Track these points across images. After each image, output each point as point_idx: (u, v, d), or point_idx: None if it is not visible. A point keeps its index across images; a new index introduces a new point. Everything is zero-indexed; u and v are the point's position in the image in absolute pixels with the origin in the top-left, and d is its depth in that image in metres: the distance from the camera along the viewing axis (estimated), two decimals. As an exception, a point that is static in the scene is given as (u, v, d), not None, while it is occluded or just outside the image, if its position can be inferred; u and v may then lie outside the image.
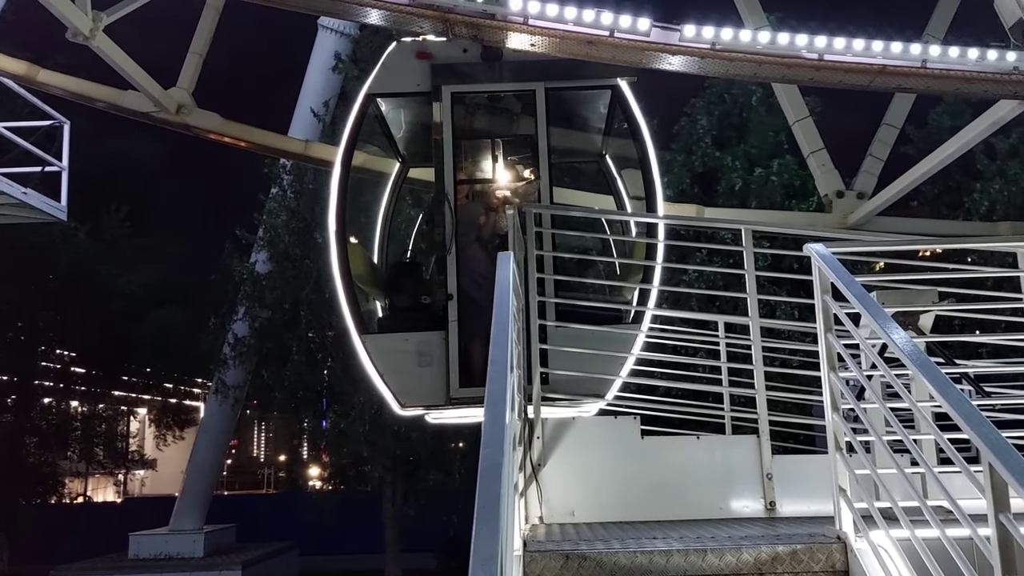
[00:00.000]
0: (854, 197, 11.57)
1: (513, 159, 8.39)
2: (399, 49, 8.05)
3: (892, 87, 8.20)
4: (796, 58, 7.68)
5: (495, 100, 8.24)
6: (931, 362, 3.75)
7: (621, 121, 8.13)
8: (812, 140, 11.79)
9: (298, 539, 26.67)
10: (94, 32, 11.00)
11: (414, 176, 9.96)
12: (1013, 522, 2.92)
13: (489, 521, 2.56)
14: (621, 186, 9.23)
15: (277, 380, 20.20)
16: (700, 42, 7.64)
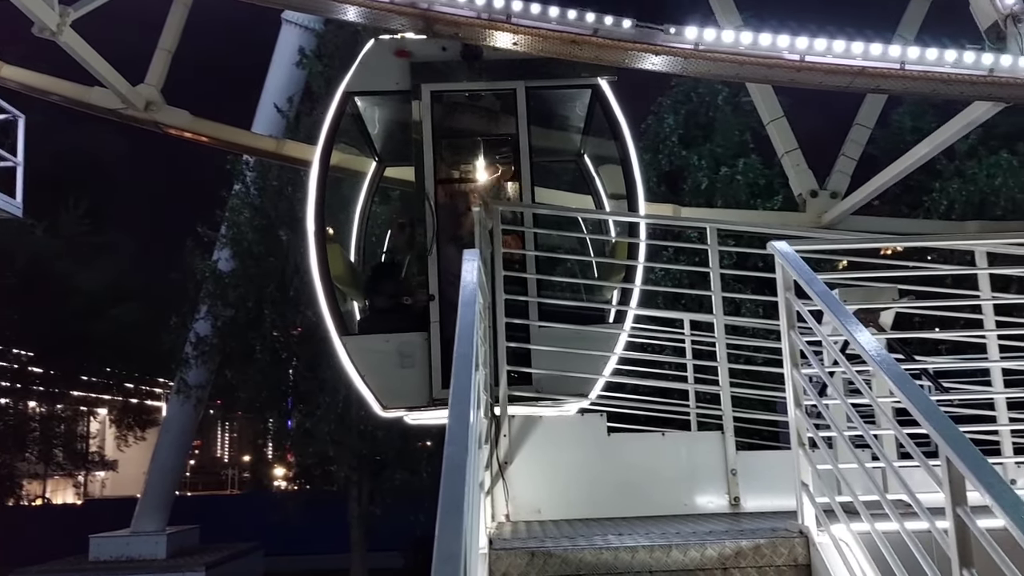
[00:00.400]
0: (827, 196, 11.70)
1: (493, 158, 8.33)
2: (377, 47, 7.95)
3: (871, 88, 8.28)
4: (777, 59, 7.72)
5: (475, 99, 8.16)
6: (891, 359, 3.80)
7: (602, 121, 8.07)
8: (786, 140, 11.90)
9: (263, 540, 26.40)
10: (61, 27, 10.77)
11: (390, 175, 9.86)
12: (970, 515, 2.97)
13: (452, 519, 2.55)
14: (601, 186, 9.23)
15: (241, 379, 19.96)
16: (683, 42, 7.65)
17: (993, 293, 6.00)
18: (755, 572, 4.32)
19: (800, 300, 4.59)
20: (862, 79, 7.79)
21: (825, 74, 7.76)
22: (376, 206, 9.83)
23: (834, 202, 11.66)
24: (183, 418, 24.41)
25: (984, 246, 6.29)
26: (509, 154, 7.95)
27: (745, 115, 20.42)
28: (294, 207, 19.07)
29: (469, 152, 8.43)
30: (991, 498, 2.79)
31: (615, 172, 8.11)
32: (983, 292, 5.88)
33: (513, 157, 7.77)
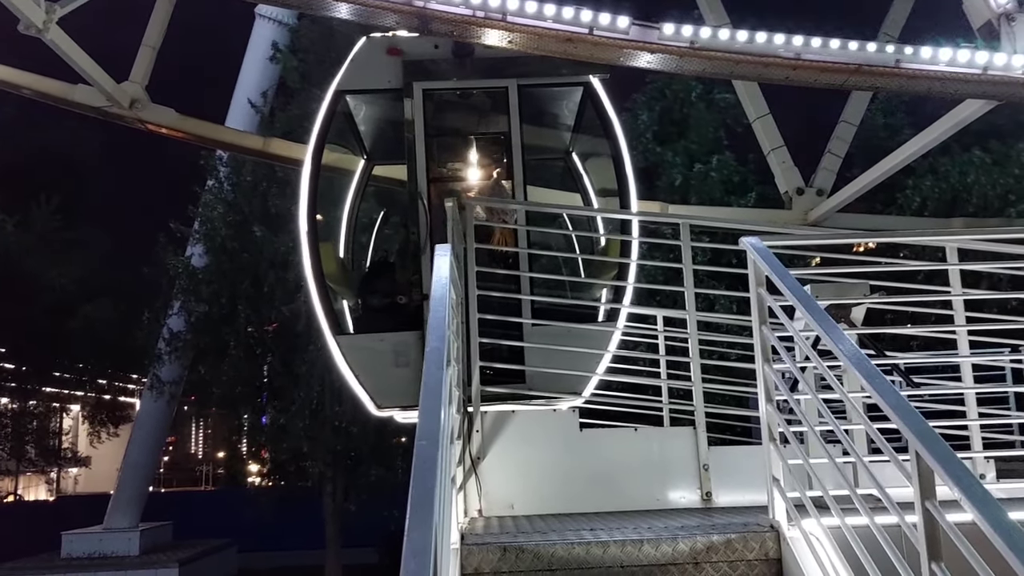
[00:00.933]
0: (813, 194, 11.76)
1: (486, 157, 8.26)
2: (369, 45, 7.85)
3: (866, 86, 8.33)
4: (774, 57, 7.73)
5: (467, 97, 8.09)
6: (862, 354, 3.82)
7: (594, 118, 8.05)
8: (772, 137, 11.94)
9: (237, 536, 26.21)
10: (47, 24, 10.57)
11: (378, 174, 9.78)
12: (939, 509, 2.99)
13: (422, 514, 2.52)
14: (593, 183, 9.18)
15: (214, 375, 19.79)
16: (679, 40, 7.65)
17: (963, 289, 6.06)
18: (726, 567, 4.33)
19: (772, 296, 4.60)
20: (857, 77, 7.84)
21: (820, 72, 7.79)
22: (365, 204, 9.71)
23: (820, 199, 11.72)
24: (156, 414, 24.19)
25: (955, 242, 6.34)
26: (501, 152, 7.90)
27: (719, 112, 20.52)
28: (268, 203, 18.92)
29: (461, 150, 8.36)
30: (960, 492, 2.80)
31: (607, 169, 8.09)
32: (954, 288, 5.94)
33: (505, 155, 7.73)
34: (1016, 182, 16.16)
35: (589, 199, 9.19)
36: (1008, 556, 2.51)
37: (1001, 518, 2.66)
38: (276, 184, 18.90)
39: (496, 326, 6.44)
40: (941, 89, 8.10)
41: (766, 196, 19.87)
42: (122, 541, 22.88)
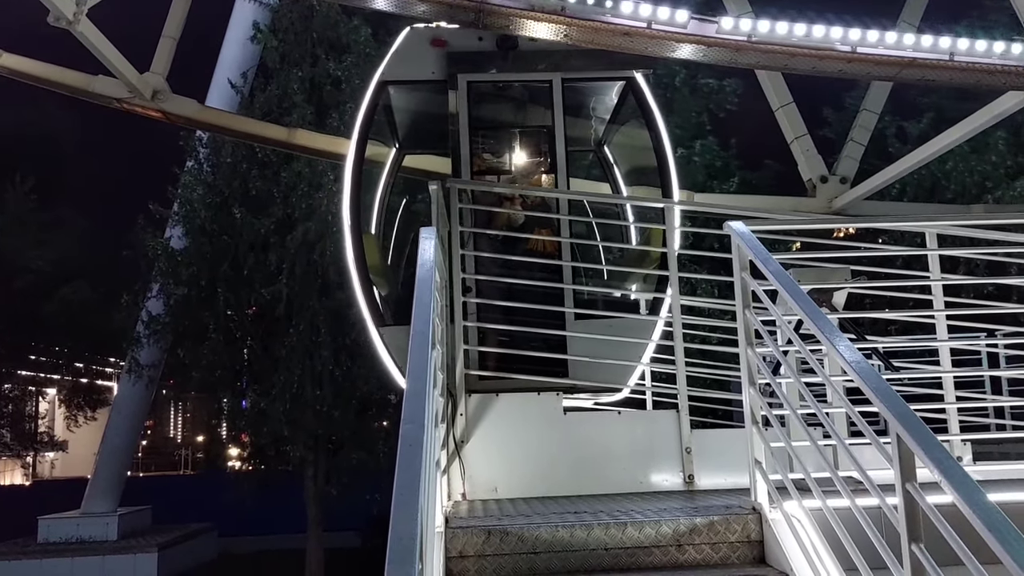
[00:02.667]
0: (837, 182, 11.77)
1: (528, 150, 8.27)
2: (412, 35, 7.82)
3: (917, 79, 8.27)
4: (829, 50, 7.71)
5: (511, 90, 8.11)
6: (844, 338, 3.85)
7: (636, 112, 8.07)
8: (796, 126, 11.93)
9: (217, 520, 26.13)
10: (78, 16, 10.35)
11: (408, 164, 9.73)
12: (919, 491, 3.02)
13: (408, 498, 2.52)
14: (634, 176, 9.20)
15: (194, 359, 19.62)
16: (737, 34, 7.62)
17: (942, 274, 6.12)
18: (709, 548, 4.37)
19: (755, 280, 4.63)
20: (910, 70, 7.84)
21: (875, 65, 7.80)
22: (395, 195, 9.61)
23: (843, 187, 11.73)
24: (135, 398, 24.00)
25: (934, 228, 6.40)
26: (545, 145, 7.90)
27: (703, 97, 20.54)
28: (248, 184, 18.74)
29: (504, 143, 8.34)
30: (940, 474, 2.83)
31: (650, 162, 8.08)
32: (933, 273, 6.00)
33: (549, 148, 7.72)
34: (993, 169, 16.32)
35: (619, 189, 9.26)
36: (987, 537, 2.54)
37: (980, 499, 2.69)
38: (257, 165, 18.72)
39: (535, 315, 6.47)
40: (991, 82, 8.12)
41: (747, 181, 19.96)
42: (100, 526, 22.73)
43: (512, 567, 4.25)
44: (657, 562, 4.33)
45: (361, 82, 18.18)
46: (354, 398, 18.53)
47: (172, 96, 12.06)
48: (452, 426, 5.91)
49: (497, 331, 6.77)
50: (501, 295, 6.70)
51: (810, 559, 3.85)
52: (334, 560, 20.33)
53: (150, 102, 11.75)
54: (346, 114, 17.83)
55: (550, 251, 7.22)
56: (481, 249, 7.00)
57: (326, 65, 19.01)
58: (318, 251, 17.39)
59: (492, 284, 6.70)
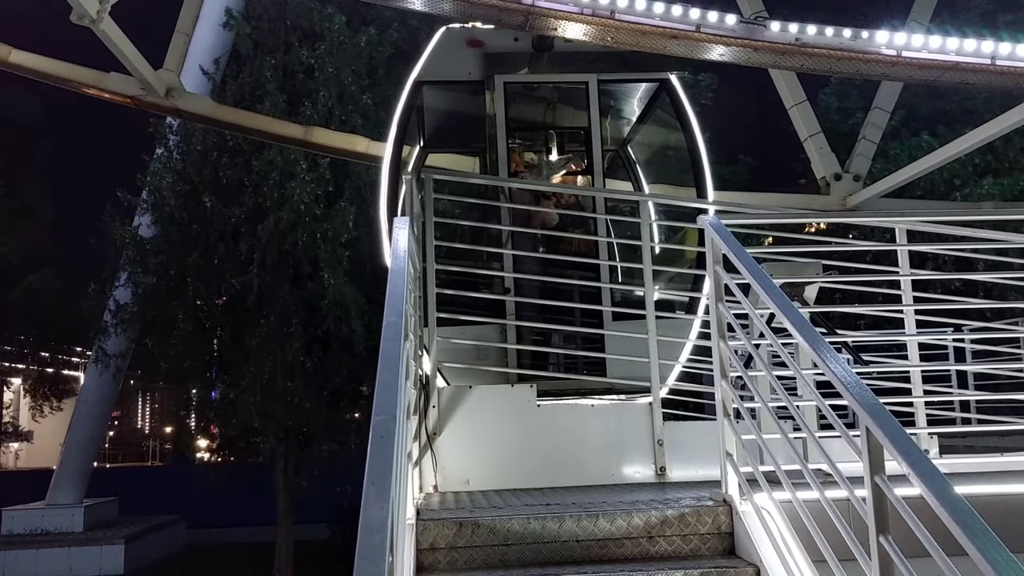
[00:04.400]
0: (851, 179, 11.84)
1: (565, 150, 8.28)
2: (449, 36, 7.86)
3: (957, 82, 8.33)
4: (874, 54, 7.75)
5: (547, 91, 8.15)
6: (815, 331, 3.87)
7: (671, 112, 8.15)
8: (810, 124, 11.99)
9: (185, 512, 25.90)
10: (101, 14, 10.13)
11: (430, 164, 9.70)
12: (887, 483, 3.05)
13: (379, 490, 2.50)
14: (667, 177, 9.32)
15: (162, 349, 19.36)
16: (785, 38, 7.64)
17: (911, 270, 6.19)
18: (679, 540, 4.39)
19: (728, 273, 4.64)
20: (952, 73, 7.90)
21: (917, 69, 7.86)
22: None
23: (856, 185, 11.79)
24: (101, 388, 23.69)
25: (904, 224, 6.47)
26: (581, 146, 7.94)
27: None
28: (219, 173, 18.50)
29: (541, 144, 8.37)
30: (908, 467, 2.86)
31: (684, 162, 8.17)
32: (902, 268, 6.06)
33: (585, 149, 7.77)
34: (961, 167, 16.54)
35: (641, 189, 9.32)
36: (954, 529, 2.57)
37: (948, 492, 2.72)
38: (228, 153, 18.48)
39: (591, 315, 6.45)
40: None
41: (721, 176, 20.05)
42: (65, 517, 22.45)
43: (483, 559, 4.25)
44: (628, 554, 4.34)
45: (335, 71, 18.03)
46: (326, 389, 18.41)
47: (186, 93, 11.90)
48: (424, 418, 5.89)
49: (536, 330, 6.83)
50: (536, 294, 6.74)
51: (779, 551, 3.87)
52: (304, 552, 20.22)
53: (164, 99, 11.55)
54: (319, 103, 17.65)
55: (584, 250, 7.24)
56: (522, 247, 7.06)
57: (299, 53, 18.80)
58: (290, 241, 17.22)
59: (529, 283, 6.75)
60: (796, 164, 20.57)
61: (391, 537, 2.42)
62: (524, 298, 7.04)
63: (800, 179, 20.06)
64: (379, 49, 18.77)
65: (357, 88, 18.14)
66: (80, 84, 11.64)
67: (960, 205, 15.59)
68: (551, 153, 8.21)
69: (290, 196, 16.82)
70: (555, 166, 8.24)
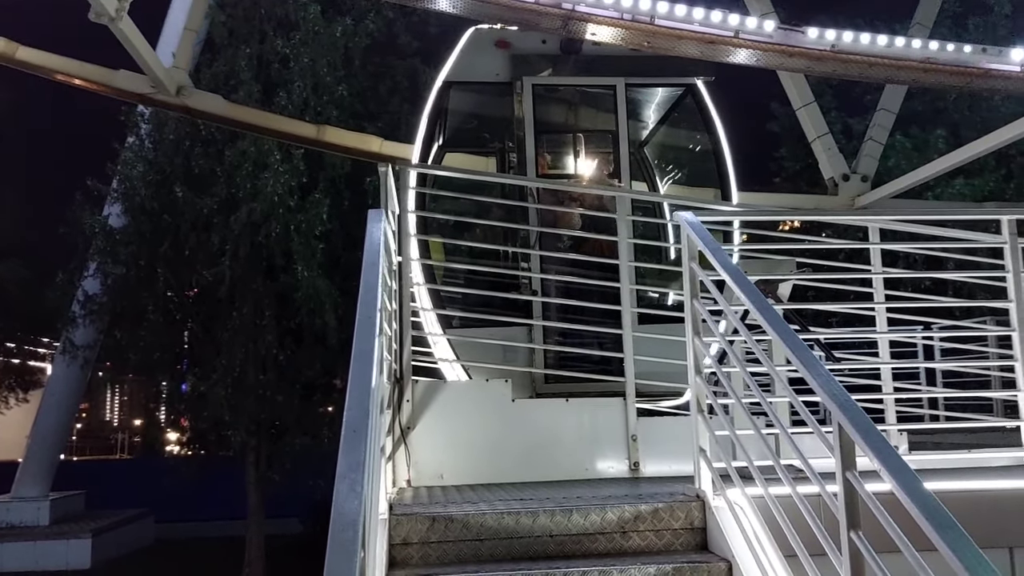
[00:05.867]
0: (859, 180, 11.89)
1: (592, 153, 8.29)
2: (477, 37, 7.85)
3: (985, 88, 8.47)
4: (907, 60, 7.85)
5: (574, 94, 8.18)
6: (788, 328, 3.89)
7: (697, 117, 8.23)
8: (818, 125, 12.05)
9: (154, 506, 25.59)
10: (120, 13, 9.92)
11: (447, 163, 9.67)
12: (859, 479, 3.07)
13: (351, 484, 2.48)
14: (691, 180, 9.34)
15: (131, 341, 19.10)
16: (822, 44, 7.71)
17: (883, 268, 6.25)
18: (652, 535, 4.40)
19: (704, 270, 4.66)
20: (980, 80, 8.02)
21: (949, 75, 7.98)
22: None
23: (864, 186, 11.89)
24: (69, 380, 23.36)
25: (876, 222, 6.54)
26: (608, 149, 7.97)
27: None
28: (191, 162, 18.27)
29: (568, 147, 8.39)
30: (879, 463, 2.88)
31: (710, 167, 8.26)
32: (874, 266, 6.12)
33: (613, 153, 7.80)
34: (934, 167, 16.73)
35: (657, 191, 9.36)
36: (924, 524, 2.59)
37: (918, 488, 2.75)
38: (200, 143, 18.25)
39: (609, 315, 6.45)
40: None
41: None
42: (31, 511, 22.12)
43: (456, 554, 4.23)
44: (602, 549, 4.35)
45: (310, 61, 17.85)
46: (298, 383, 18.28)
47: (196, 91, 11.65)
48: (398, 412, 5.86)
49: (562, 331, 6.90)
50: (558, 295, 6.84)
51: (751, 546, 3.90)
52: (275, 547, 20.07)
53: (174, 97, 11.33)
54: (294, 93, 17.48)
55: (608, 253, 7.24)
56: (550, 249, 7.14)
57: (274, 42, 18.59)
58: (263, 233, 17.04)
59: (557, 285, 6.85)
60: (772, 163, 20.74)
61: (363, 532, 2.40)
62: (548, 299, 7.10)
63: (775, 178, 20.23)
64: (355, 40, 18.61)
65: (332, 79, 17.98)
66: (89, 81, 11.42)
67: (968, 206, 15.75)
68: (579, 156, 8.28)
69: (263, 187, 16.63)
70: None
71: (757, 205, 11.00)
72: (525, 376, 6.90)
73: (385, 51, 20.09)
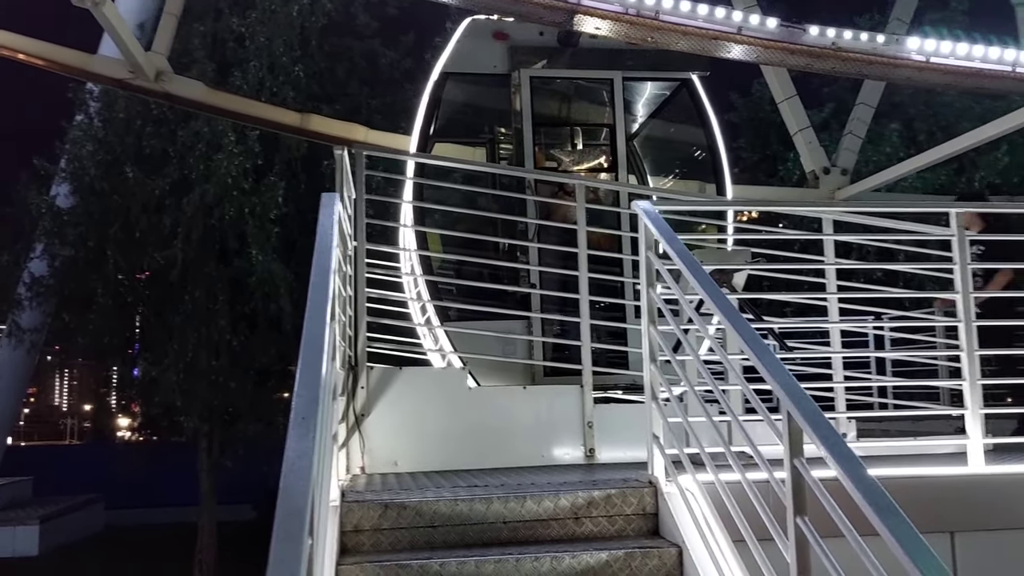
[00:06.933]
0: (838, 173, 12.10)
1: (588, 146, 8.26)
2: (474, 28, 7.80)
3: (975, 87, 8.72)
4: (904, 59, 7.96)
5: (571, 86, 8.17)
6: (742, 318, 3.93)
7: (692, 111, 8.28)
8: (799, 118, 12.18)
9: (105, 492, 25.18)
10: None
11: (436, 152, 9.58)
12: (805, 465, 3.11)
13: (299, 471, 2.44)
14: (687, 173, 9.39)
15: (80, 324, 18.68)
16: (822, 43, 7.81)
17: (836, 259, 6.35)
18: (605, 521, 4.43)
19: (661, 259, 4.68)
20: (974, 79, 8.22)
21: (943, 74, 8.15)
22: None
23: (844, 179, 12.06)
24: (15, 364, 22.84)
25: (830, 214, 6.63)
26: (605, 142, 7.97)
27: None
28: (142, 142, 17.85)
29: (565, 139, 8.36)
30: (825, 450, 2.93)
31: (705, 160, 8.38)
32: (827, 257, 6.21)
33: (609, 145, 7.81)
34: (887, 160, 17.01)
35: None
36: (866, 509, 2.64)
37: (862, 474, 2.79)
38: (152, 123, 17.82)
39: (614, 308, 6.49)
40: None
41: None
42: (-23, 497, 21.69)
43: (409, 541, 4.21)
44: (555, 535, 4.36)
45: (266, 40, 17.54)
46: (252, 368, 18.04)
47: (176, 77, 11.40)
48: (352, 399, 5.81)
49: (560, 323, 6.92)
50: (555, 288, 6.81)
51: (701, 531, 3.94)
52: (227, 533, 19.87)
53: (153, 83, 11.04)
54: (249, 73, 17.16)
55: (605, 246, 7.24)
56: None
57: (229, 20, 18.22)
58: (216, 215, 16.73)
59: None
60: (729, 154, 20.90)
61: (311, 519, 2.37)
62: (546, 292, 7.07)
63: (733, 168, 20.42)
64: (311, 19, 18.30)
65: (289, 59, 17.68)
66: (64, 66, 11.18)
67: (932, 198, 16.05)
68: (576, 148, 8.28)
69: (217, 169, 16.30)
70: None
71: (748, 198, 11.22)
72: (524, 368, 6.94)
73: (343, 31, 19.81)
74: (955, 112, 18.74)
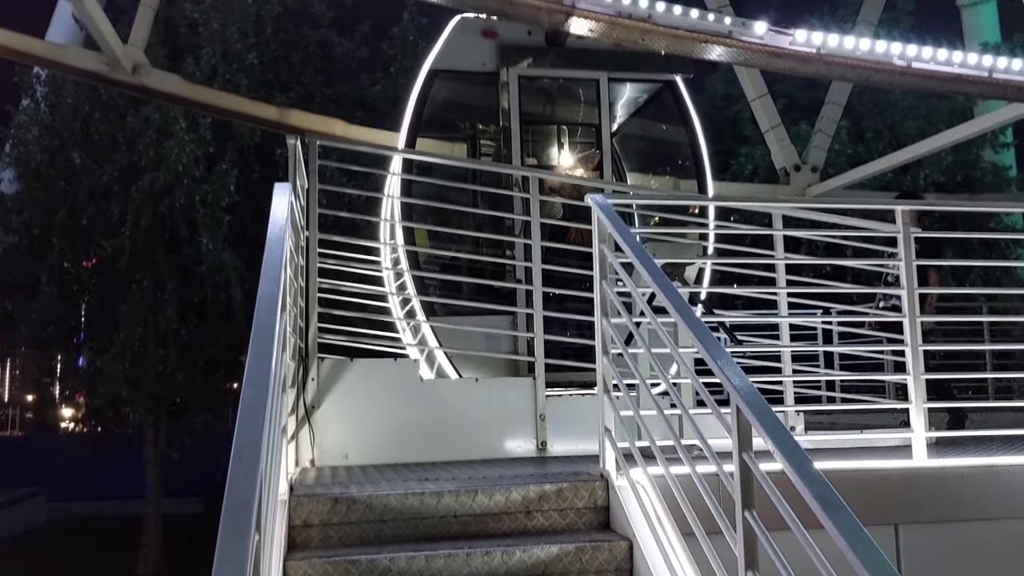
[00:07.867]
0: (809, 170, 12.30)
1: (574, 145, 8.38)
2: (463, 25, 7.85)
3: (957, 91, 9.03)
4: (887, 64, 8.08)
5: (558, 86, 8.28)
6: (692, 311, 3.96)
7: (675, 111, 8.46)
8: (771, 116, 12.31)
9: (47, 485, 24.55)
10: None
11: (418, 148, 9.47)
12: (753, 459, 3.15)
13: (246, 464, 2.40)
14: (670, 172, 9.48)
15: (24, 312, 18.18)
16: (809, 47, 7.92)
17: (785, 254, 6.45)
18: (556, 514, 4.44)
19: (614, 253, 4.69)
20: (953, 85, 8.43)
21: (924, 79, 8.31)
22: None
23: (814, 176, 12.28)
24: (-46, 353, 22.13)
25: (780, 209, 6.73)
26: (590, 141, 8.12)
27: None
28: (90, 128, 17.40)
29: (551, 138, 8.48)
30: (772, 444, 2.96)
31: (686, 158, 8.56)
32: (777, 252, 6.30)
33: (595, 145, 7.94)
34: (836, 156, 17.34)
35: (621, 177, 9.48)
36: (811, 503, 2.68)
37: (807, 468, 2.83)
38: (100, 108, 17.38)
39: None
40: (1017, 96, 8.78)
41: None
42: (-89, 490, 20.99)
43: (359, 535, 4.17)
44: (506, 528, 4.36)
45: (220, 27, 17.23)
46: (201, 359, 17.73)
47: (154, 71, 11.15)
48: (303, 391, 5.73)
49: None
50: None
51: (651, 524, 3.97)
52: (173, 526, 19.53)
53: (130, 76, 10.76)
54: (203, 59, 16.82)
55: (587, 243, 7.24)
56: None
57: (182, 5, 17.84)
58: (166, 203, 16.39)
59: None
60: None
61: (259, 514, 2.33)
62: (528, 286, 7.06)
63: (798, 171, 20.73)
64: (266, 7, 18.02)
65: (243, 46, 17.37)
66: (38, 58, 10.97)
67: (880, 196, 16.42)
68: (562, 147, 8.39)
69: (167, 155, 15.97)
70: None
71: (725, 195, 11.40)
72: (509, 363, 6.94)
73: (298, 20, 19.53)
74: (900, 111, 19.18)
